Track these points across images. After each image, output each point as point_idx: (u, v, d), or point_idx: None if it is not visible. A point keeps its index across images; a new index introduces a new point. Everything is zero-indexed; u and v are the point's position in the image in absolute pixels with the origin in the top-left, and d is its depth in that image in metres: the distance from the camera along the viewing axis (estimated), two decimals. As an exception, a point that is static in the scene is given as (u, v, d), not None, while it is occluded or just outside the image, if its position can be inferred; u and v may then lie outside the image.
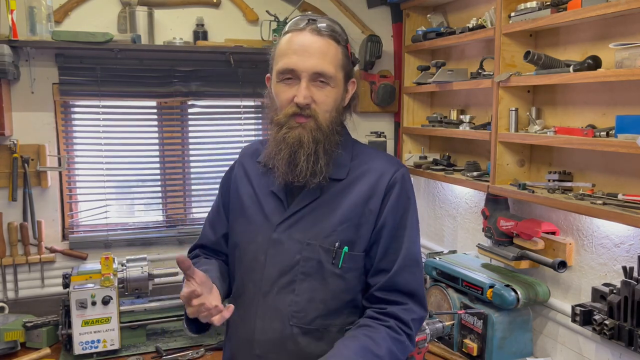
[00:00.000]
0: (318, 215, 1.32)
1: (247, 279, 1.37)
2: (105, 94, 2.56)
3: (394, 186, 1.32)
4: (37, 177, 2.48)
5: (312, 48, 1.27)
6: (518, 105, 2.04)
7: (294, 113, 1.28)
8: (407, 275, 1.31)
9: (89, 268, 2.26)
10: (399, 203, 1.33)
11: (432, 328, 1.79)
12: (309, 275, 1.30)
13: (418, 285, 1.33)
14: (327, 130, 1.30)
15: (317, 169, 1.29)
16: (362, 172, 1.35)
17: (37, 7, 2.30)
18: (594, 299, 1.81)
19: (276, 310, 1.31)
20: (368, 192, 1.32)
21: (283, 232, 1.33)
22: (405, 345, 1.28)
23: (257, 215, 1.38)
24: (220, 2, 2.68)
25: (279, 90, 1.31)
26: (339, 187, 1.33)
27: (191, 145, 2.81)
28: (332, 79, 1.29)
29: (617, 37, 1.73)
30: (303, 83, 1.26)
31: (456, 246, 2.67)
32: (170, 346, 2.25)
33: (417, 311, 1.32)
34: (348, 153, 1.38)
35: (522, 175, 2.09)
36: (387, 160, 1.39)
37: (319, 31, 1.29)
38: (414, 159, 2.75)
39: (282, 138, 1.29)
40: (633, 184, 1.70)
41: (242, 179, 1.45)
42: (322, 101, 1.29)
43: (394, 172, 1.34)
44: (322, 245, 1.30)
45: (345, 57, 1.34)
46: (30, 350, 2.16)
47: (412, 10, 2.78)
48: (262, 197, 1.39)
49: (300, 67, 1.26)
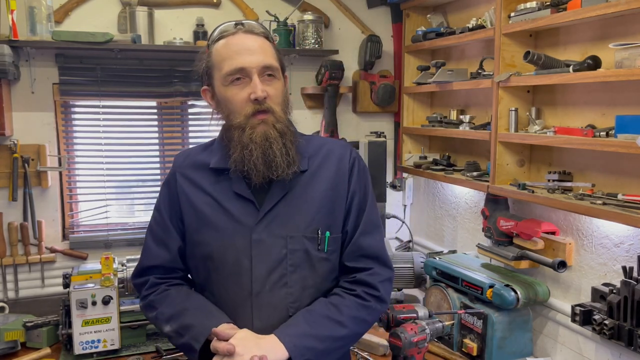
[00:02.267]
0: (293, 207, 1.36)
1: (230, 283, 1.36)
2: (105, 94, 2.56)
3: (354, 164, 1.43)
4: (38, 177, 2.48)
5: (252, 46, 1.32)
6: (518, 105, 2.04)
7: (254, 111, 1.31)
8: (368, 239, 1.40)
9: (89, 268, 2.26)
10: (360, 177, 1.43)
11: (432, 328, 1.78)
12: (298, 266, 1.35)
13: (380, 248, 1.42)
14: (286, 122, 1.36)
15: (290, 159, 1.33)
16: (322, 159, 1.42)
17: (37, 7, 2.30)
18: (594, 299, 1.81)
19: (272, 306, 1.34)
20: (334, 176, 1.40)
21: (263, 231, 1.34)
22: (372, 309, 1.37)
23: (224, 221, 1.36)
24: (220, 2, 2.68)
25: (232, 93, 1.32)
26: (305, 178, 1.38)
27: (191, 145, 2.81)
28: (277, 71, 1.35)
29: (617, 37, 1.73)
30: (256, 78, 1.30)
31: (456, 246, 2.67)
32: (170, 346, 2.25)
33: (383, 273, 1.40)
34: (302, 144, 1.42)
35: (522, 175, 2.09)
36: (338, 144, 1.47)
37: (251, 31, 1.35)
38: (414, 159, 2.75)
39: (249, 139, 1.30)
40: (633, 184, 1.70)
41: (191, 189, 1.41)
42: (274, 94, 1.34)
43: (350, 152, 1.44)
44: (305, 235, 1.35)
45: (277, 51, 1.39)
46: (30, 350, 2.16)
47: (412, 11, 2.78)
48: (225, 203, 1.37)
49: (248, 64, 1.30)
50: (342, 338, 1.33)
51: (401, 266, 2.50)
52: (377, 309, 1.38)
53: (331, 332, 1.31)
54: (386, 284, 1.40)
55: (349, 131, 2.92)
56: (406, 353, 1.66)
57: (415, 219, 3.06)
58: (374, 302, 1.37)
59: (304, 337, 1.28)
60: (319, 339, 1.29)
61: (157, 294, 1.43)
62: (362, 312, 1.35)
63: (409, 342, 1.65)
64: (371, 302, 1.36)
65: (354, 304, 1.35)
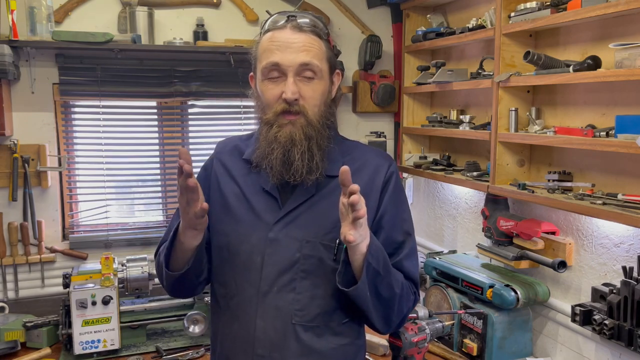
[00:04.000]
0: (316, 212, 1.32)
1: (241, 279, 1.34)
2: (105, 94, 2.56)
3: (391, 179, 1.37)
4: (38, 177, 2.48)
5: (295, 43, 1.27)
6: (518, 105, 2.04)
7: (282, 110, 1.28)
8: (409, 264, 1.36)
9: (89, 268, 2.26)
10: (395, 195, 1.37)
11: (432, 328, 1.78)
12: (310, 273, 1.30)
13: (417, 273, 1.40)
14: (318, 125, 1.30)
15: (312, 165, 1.28)
16: (358, 168, 1.34)
17: (38, 7, 2.30)
18: (594, 299, 1.81)
19: (277, 309, 1.30)
20: (365, 187, 1.31)
21: (280, 230, 1.31)
22: (412, 301, 1.35)
23: (246, 214, 1.35)
24: (220, 2, 2.68)
25: (265, 88, 1.30)
26: (334, 184, 1.30)
27: (191, 145, 2.81)
28: (319, 70, 1.29)
29: (617, 37, 1.73)
30: (290, 78, 1.26)
31: (456, 246, 2.67)
32: (170, 346, 2.25)
33: (416, 297, 1.39)
34: (340, 149, 1.39)
35: (522, 175, 2.09)
36: (379, 155, 1.42)
37: (300, 27, 1.29)
38: (413, 159, 2.75)
39: (273, 137, 1.28)
40: (633, 184, 1.70)
41: (224, 177, 1.41)
42: (310, 96, 1.29)
43: (389, 166, 1.38)
44: (323, 242, 1.30)
45: (328, 49, 1.34)
46: (30, 350, 2.17)
47: (412, 11, 2.78)
48: (250, 196, 1.36)
49: (285, 61, 1.26)
50: (390, 297, 1.28)
51: (401, 266, 2.50)
52: (410, 309, 1.37)
53: (394, 279, 1.28)
54: (413, 305, 1.38)
55: (349, 131, 2.92)
56: (406, 353, 1.66)
57: (415, 219, 3.05)
58: (413, 302, 1.37)
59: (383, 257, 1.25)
60: (386, 269, 1.25)
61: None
62: (408, 296, 1.34)
63: (409, 342, 1.66)
64: (412, 297, 1.36)
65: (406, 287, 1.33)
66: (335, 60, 1.38)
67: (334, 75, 1.38)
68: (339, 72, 1.39)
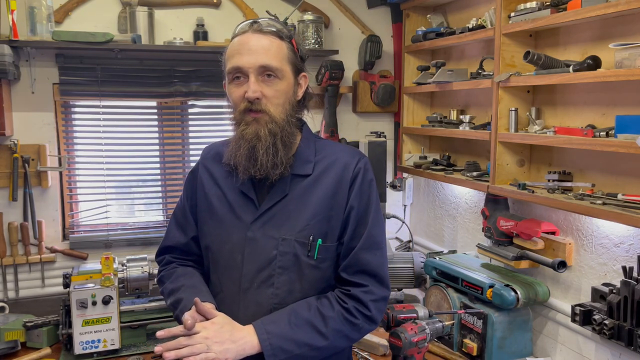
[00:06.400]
0: (290, 211, 1.38)
1: (224, 277, 1.42)
2: (105, 94, 2.56)
3: (358, 175, 1.40)
4: (38, 177, 2.48)
5: (255, 46, 1.34)
6: (518, 105, 2.04)
7: (245, 109, 1.34)
8: (368, 255, 1.38)
9: (89, 268, 2.26)
10: (362, 189, 1.40)
11: (432, 328, 1.78)
12: (286, 269, 1.37)
13: (379, 266, 1.40)
14: (282, 123, 1.35)
15: (277, 160, 1.34)
16: (327, 166, 1.41)
17: (38, 7, 2.30)
18: (594, 299, 1.81)
19: (258, 304, 1.37)
20: (335, 185, 1.39)
21: (257, 229, 1.38)
22: (358, 327, 1.36)
23: (227, 215, 1.43)
24: (220, 2, 2.68)
25: (231, 90, 1.37)
26: (306, 183, 1.39)
27: (191, 145, 2.81)
28: (279, 71, 1.34)
29: (617, 37, 1.73)
30: (251, 78, 1.32)
31: (456, 246, 2.67)
32: (171, 346, 2.25)
33: (378, 292, 1.38)
34: (311, 149, 1.44)
35: (522, 175, 2.09)
36: (349, 152, 1.45)
37: (260, 30, 1.36)
38: (414, 159, 2.75)
39: (240, 134, 1.35)
40: (633, 184, 1.70)
41: (208, 181, 1.49)
42: (272, 95, 1.34)
43: (357, 162, 1.42)
44: (297, 239, 1.37)
45: (291, 51, 1.39)
46: (30, 350, 2.16)
47: (412, 11, 2.78)
48: (230, 198, 1.43)
49: (245, 64, 1.32)
50: (319, 349, 1.32)
51: (401, 266, 2.50)
52: (363, 328, 1.38)
53: (311, 340, 1.31)
54: (379, 304, 1.39)
55: (349, 131, 2.92)
56: (406, 353, 1.66)
57: (415, 219, 3.07)
58: (362, 321, 1.36)
59: (282, 339, 1.29)
60: (296, 344, 1.30)
61: (167, 270, 1.54)
62: (346, 328, 1.35)
63: (409, 342, 1.66)
64: (359, 321, 1.35)
65: (340, 318, 1.34)
66: (300, 62, 1.42)
67: (300, 78, 1.42)
68: (306, 75, 1.44)
